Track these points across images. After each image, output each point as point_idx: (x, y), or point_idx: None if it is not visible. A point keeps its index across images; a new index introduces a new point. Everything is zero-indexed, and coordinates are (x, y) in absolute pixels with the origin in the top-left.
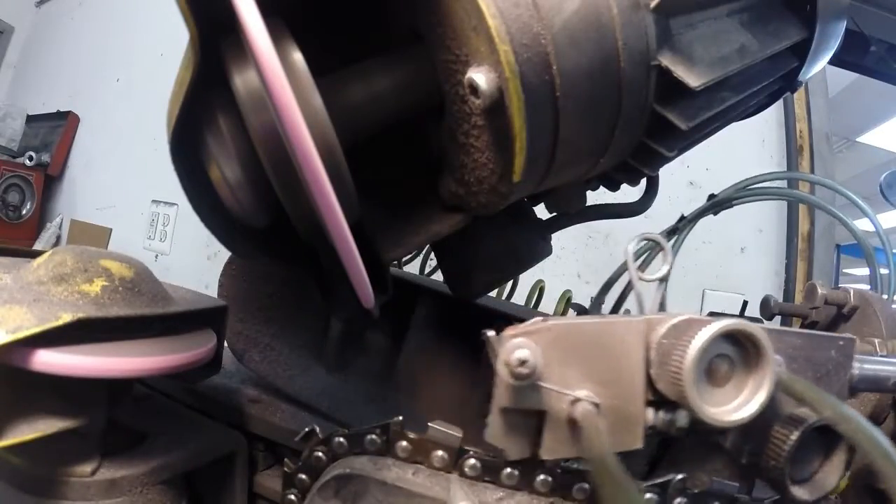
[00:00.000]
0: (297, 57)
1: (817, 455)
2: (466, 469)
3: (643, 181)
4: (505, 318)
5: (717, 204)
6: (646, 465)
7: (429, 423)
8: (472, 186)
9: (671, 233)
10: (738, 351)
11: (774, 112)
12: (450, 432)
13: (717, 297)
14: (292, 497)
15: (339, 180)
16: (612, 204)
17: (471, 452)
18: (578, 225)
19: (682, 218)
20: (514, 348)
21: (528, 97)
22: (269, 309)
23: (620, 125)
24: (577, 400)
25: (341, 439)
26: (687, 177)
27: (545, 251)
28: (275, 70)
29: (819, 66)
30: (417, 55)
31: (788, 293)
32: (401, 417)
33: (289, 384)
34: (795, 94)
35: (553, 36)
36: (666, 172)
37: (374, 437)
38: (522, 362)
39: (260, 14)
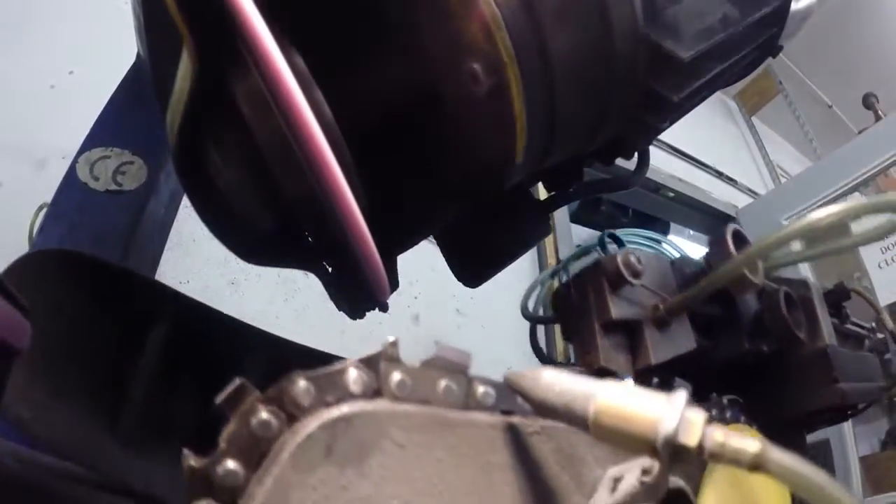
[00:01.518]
0: (297, 57)
1: None
2: (480, 398)
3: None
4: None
5: (583, 250)
6: None
7: (435, 343)
8: (473, 172)
9: (553, 274)
10: None
11: (528, 254)
12: (460, 352)
13: None
14: None
15: (349, 176)
16: (608, 178)
17: (480, 378)
18: None
19: (560, 261)
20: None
21: (527, 80)
22: (45, 354)
23: (613, 101)
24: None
25: (304, 383)
26: (454, 305)
27: (544, 231)
28: (283, 71)
29: (797, 32)
30: (411, 46)
31: None
32: (392, 338)
33: (75, 454)
34: (546, 240)
35: (546, 18)
36: (435, 303)
37: (358, 372)
38: (639, 259)
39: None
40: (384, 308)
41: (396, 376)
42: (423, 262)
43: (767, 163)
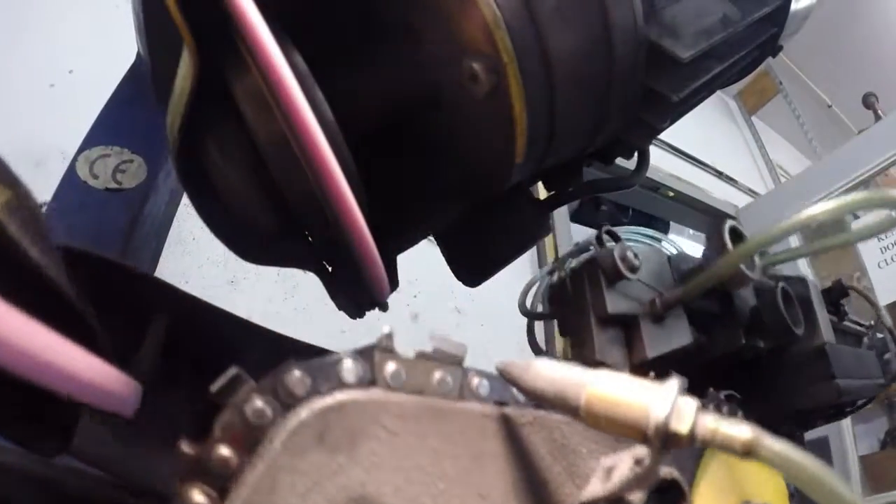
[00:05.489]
0: (298, 57)
1: None
2: (475, 389)
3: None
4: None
5: (582, 248)
6: None
7: (430, 336)
8: (473, 172)
9: (551, 272)
10: None
11: (527, 253)
12: (455, 343)
13: None
14: (199, 499)
15: (349, 176)
16: (607, 178)
17: (475, 370)
18: None
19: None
20: (624, 249)
21: (527, 80)
22: None
23: (613, 101)
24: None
25: (298, 373)
26: (453, 304)
27: (544, 230)
28: (283, 70)
29: (796, 32)
30: (411, 47)
31: None
32: (387, 329)
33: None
34: (546, 239)
35: (546, 18)
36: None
37: (352, 362)
38: (636, 255)
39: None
40: (384, 307)
41: (391, 367)
42: (422, 260)
43: (767, 162)
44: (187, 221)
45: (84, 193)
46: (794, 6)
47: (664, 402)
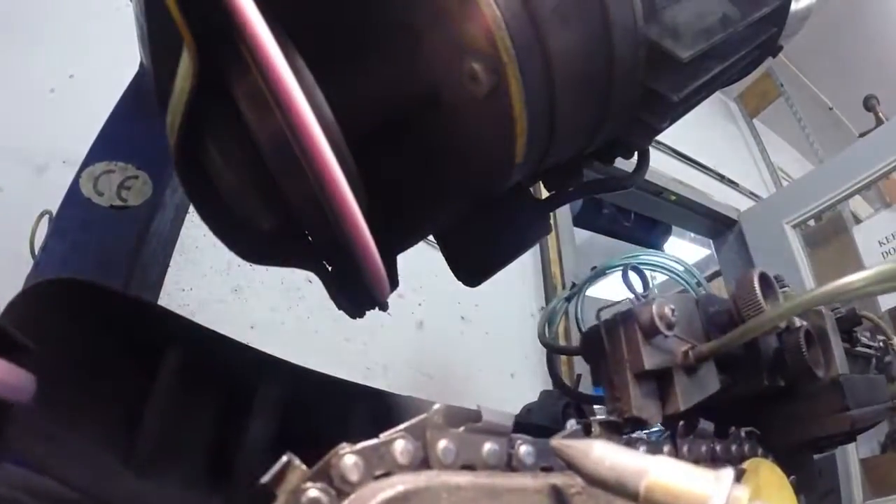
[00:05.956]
0: (298, 57)
1: None
2: (522, 458)
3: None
4: (364, 394)
5: (599, 273)
6: None
7: (478, 406)
8: (473, 172)
9: (568, 299)
10: None
11: (531, 258)
12: (502, 413)
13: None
14: None
15: (349, 176)
16: (607, 178)
17: (521, 438)
18: None
19: (574, 285)
20: (662, 306)
21: (527, 80)
22: (57, 387)
23: (613, 101)
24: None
25: (352, 458)
26: (459, 312)
27: (544, 230)
28: (283, 71)
29: (796, 32)
30: (412, 46)
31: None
32: (438, 405)
33: (90, 487)
34: (550, 243)
35: (546, 18)
36: (439, 309)
37: (404, 443)
38: (673, 311)
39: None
40: (384, 307)
41: (442, 444)
42: (427, 268)
43: (769, 165)
44: (191, 230)
45: (88, 211)
46: (793, 6)
47: (721, 493)
